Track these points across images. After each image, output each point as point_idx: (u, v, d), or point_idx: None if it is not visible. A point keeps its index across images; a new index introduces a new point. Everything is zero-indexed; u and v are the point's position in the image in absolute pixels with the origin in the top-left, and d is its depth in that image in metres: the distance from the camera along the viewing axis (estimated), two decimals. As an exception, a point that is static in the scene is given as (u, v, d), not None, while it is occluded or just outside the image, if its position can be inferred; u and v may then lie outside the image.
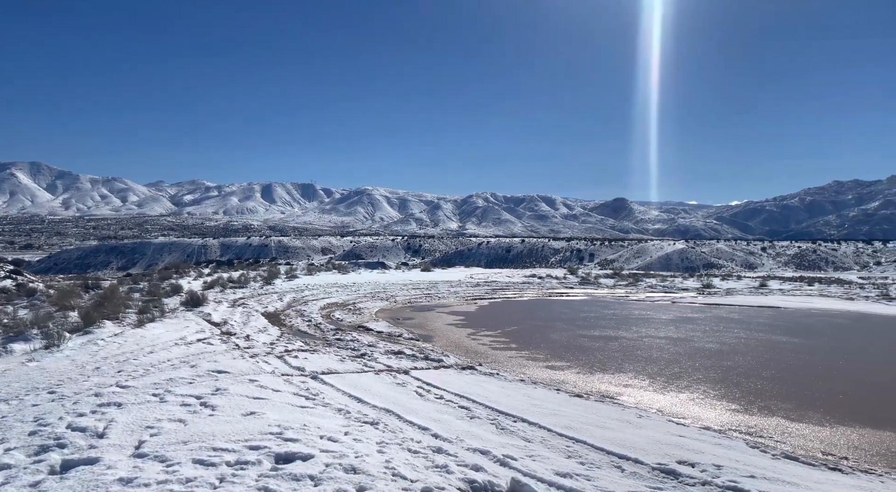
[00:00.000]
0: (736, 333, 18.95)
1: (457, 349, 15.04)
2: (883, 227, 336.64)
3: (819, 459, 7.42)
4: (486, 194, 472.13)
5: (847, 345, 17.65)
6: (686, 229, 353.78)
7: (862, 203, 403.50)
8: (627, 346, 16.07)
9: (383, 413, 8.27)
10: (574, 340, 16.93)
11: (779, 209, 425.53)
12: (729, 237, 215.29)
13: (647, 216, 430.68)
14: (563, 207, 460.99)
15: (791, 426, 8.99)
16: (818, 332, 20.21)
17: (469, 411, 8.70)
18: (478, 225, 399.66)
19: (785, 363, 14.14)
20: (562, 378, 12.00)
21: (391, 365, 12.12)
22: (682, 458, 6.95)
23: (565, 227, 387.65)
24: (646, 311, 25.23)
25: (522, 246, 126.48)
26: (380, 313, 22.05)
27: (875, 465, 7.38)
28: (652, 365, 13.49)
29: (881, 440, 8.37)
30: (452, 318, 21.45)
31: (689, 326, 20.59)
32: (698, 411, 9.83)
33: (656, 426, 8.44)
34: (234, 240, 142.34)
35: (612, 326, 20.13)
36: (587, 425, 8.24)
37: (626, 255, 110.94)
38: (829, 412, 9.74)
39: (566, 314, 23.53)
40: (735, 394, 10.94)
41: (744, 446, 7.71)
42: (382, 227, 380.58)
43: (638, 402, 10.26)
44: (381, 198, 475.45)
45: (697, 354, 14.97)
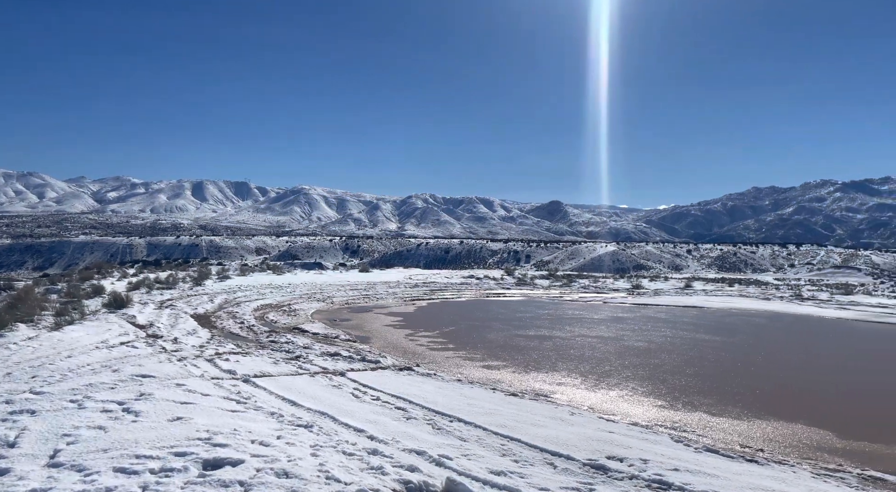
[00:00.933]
0: (663, 332, 19.75)
1: (394, 350, 14.98)
2: (796, 231, 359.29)
3: (737, 451, 7.83)
4: (425, 195, 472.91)
5: (763, 343, 18.71)
6: (618, 232, 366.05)
7: (778, 208, 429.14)
8: (561, 345, 16.46)
9: (318, 416, 8.13)
10: (510, 339, 17.19)
11: (703, 214, 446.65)
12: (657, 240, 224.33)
13: (581, 219, 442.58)
14: (501, 209, 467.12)
15: (712, 421, 9.44)
16: (738, 330, 21.33)
17: (406, 412, 8.68)
18: (417, 226, 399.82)
19: (707, 361, 14.85)
20: (498, 377, 12.15)
21: (327, 367, 11.94)
22: (612, 453, 7.18)
23: (503, 228, 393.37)
24: (579, 311, 25.92)
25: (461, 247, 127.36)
26: (316, 315, 21.69)
27: (788, 456, 7.85)
28: (584, 363, 13.87)
29: (793, 433, 8.91)
30: (391, 319, 21.35)
31: (619, 325, 21.29)
32: (627, 407, 10.17)
33: (588, 423, 8.68)
34: (163, 239, 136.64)
35: (546, 325, 20.57)
36: (522, 423, 8.37)
37: (561, 256, 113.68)
38: (746, 407, 10.28)
39: (503, 314, 23.86)
40: (661, 390, 11.39)
41: (669, 441, 8.03)
42: (320, 227, 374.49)
43: (570, 399, 10.52)
44: (319, 197, 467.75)
45: (627, 353, 15.50)
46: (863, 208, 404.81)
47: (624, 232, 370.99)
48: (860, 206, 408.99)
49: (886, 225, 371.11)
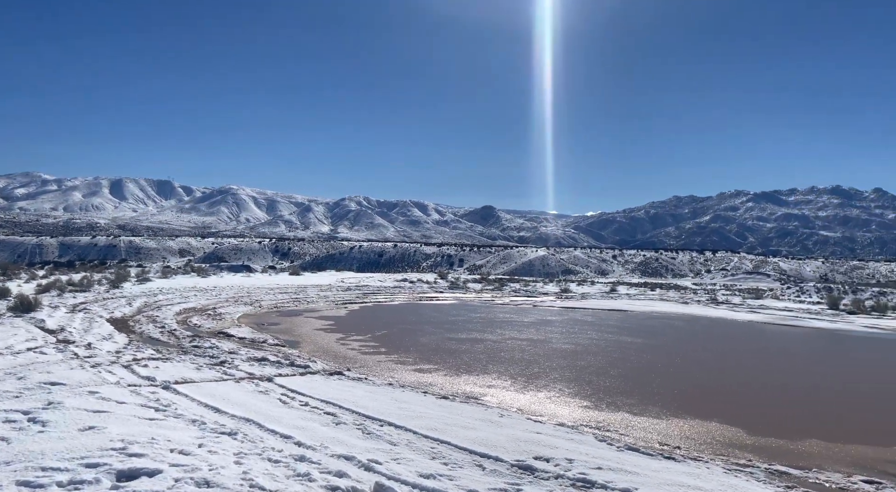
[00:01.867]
0: (589, 335, 20.38)
1: (325, 355, 14.73)
2: (713, 238, 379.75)
3: (656, 449, 8.17)
4: (359, 198, 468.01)
5: (682, 345, 19.64)
6: (547, 237, 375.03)
7: (696, 216, 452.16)
8: (492, 348, 16.68)
9: (243, 423, 7.88)
10: (442, 343, 17.26)
11: (627, 220, 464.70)
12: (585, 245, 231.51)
13: (513, 224, 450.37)
14: (434, 213, 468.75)
15: (634, 420, 9.82)
16: (659, 333, 22.30)
17: (335, 417, 8.55)
18: (350, 229, 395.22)
19: (630, 362, 15.43)
20: (429, 381, 12.18)
21: (253, 372, 11.60)
22: (539, 454, 7.33)
23: (437, 232, 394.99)
24: (510, 314, 26.37)
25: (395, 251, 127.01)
26: (243, 319, 21.04)
27: (703, 452, 8.26)
28: (514, 366, 14.11)
29: (708, 430, 9.39)
30: (321, 323, 20.99)
31: (548, 328, 21.80)
32: (554, 408, 10.42)
33: (516, 425, 8.83)
34: (77, 239, 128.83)
35: (478, 329, 20.79)
36: (452, 426, 8.42)
37: (493, 260, 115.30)
38: (666, 406, 10.75)
39: (436, 318, 23.94)
40: (587, 391, 11.74)
41: (593, 440, 8.28)
42: (248, 228, 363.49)
43: (500, 402, 10.67)
44: (248, 198, 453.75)
45: (555, 355, 15.89)
46: (772, 218, 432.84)
47: (553, 237, 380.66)
48: (770, 215, 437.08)
49: (792, 234, 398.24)
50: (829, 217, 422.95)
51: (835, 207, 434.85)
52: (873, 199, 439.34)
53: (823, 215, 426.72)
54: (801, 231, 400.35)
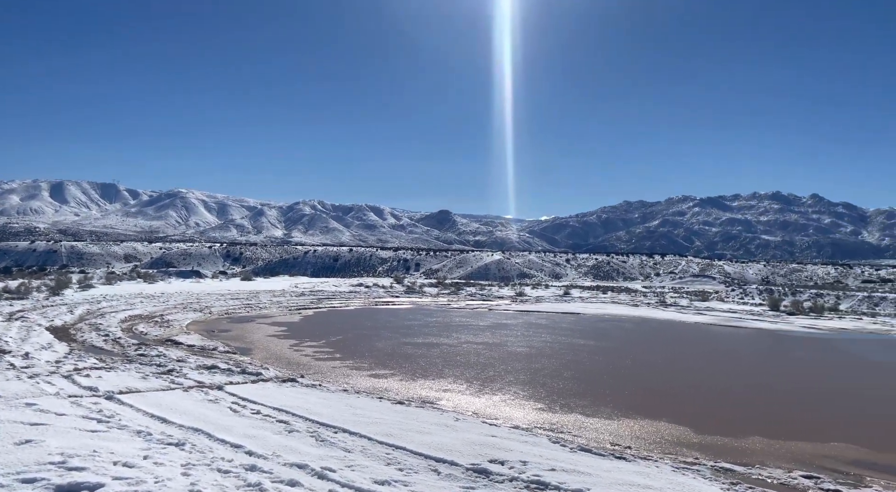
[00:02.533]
0: (543, 338, 20.65)
1: (277, 361, 14.46)
2: (661, 242, 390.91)
3: (608, 449, 8.32)
4: (313, 202, 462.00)
5: (632, 346, 20.12)
6: (503, 242, 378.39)
7: (646, 221, 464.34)
8: (448, 352, 16.70)
9: (191, 433, 7.65)
10: (398, 347, 17.19)
11: (580, 225, 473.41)
12: (539, 249, 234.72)
13: (469, 228, 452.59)
14: (391, 218, 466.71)
15: (587, 421, 9.99)
16: (610, 335, 22.79)
17: (288, 425, 8.40)
18: (304, 233, 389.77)
19: (583, 364, 15.71)
20: (385, 386, 12.10)
21: (203, 381, 11.28)
22: (494, 457, 7.37)
23: (393, 237, 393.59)
24: (466, 318, 26.48)
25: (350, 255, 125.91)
26: (192, 326, 20.46)
27: (652, 451, 8.47)
28: (470, 369, 14.16)
29: (657, 430, 9.63)
30: (274, 329, 20.61)
31: (503, 331, 21.99)
32: (509, 411, 10.51)
33: (472, 428, 8.85)
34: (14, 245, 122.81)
35: (434, 333, 20.80)
36: (407, 431, 8.38)
37: (450, 265, 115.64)
38: (617, 407, 10.98)
39: (392, 323, 23.82)
40: (541, 394, 11.88)
41: (547, 442, 8.38)
42: (198, 233, 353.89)
43: (456, 405, 10.69)
44: (198, 201, 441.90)
45: (510, 358, 16.04)
46: (717, 222, 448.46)
47: (508, 242, 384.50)
48: (715, 220, 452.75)
49: (736, 238, 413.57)
50: (769, 222, 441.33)
51: (775, 212, 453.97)
52: (810, 204, 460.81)
53: (765, 220, 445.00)
54: (744, 235, 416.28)
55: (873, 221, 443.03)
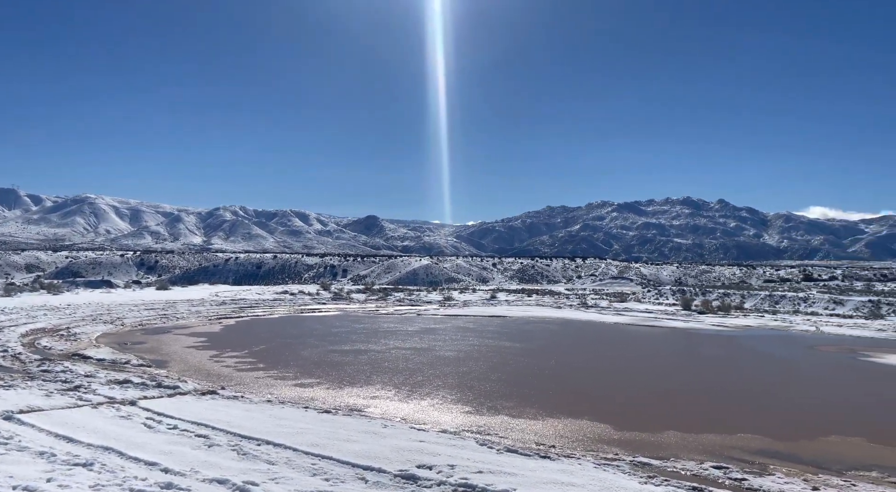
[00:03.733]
0: (471, 341, 20.88)
1: (196, 374, 13.87)
2: (583, 246, 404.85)
3: (533, 449, 8.51)
4: (234, 207, 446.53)
5: (556, 347, 20.69)
6: (431, 246, 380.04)
7: (568, 226, 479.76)
8: (376, 358, 16.57)
9: (101, 452, 7.20)
10: (325, 355, 16.89)
11: (506, 230, 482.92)
12: (466, 254, 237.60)
13: (397, 234, 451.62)
14: (317, 223, 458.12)
15: (513, 422, 10.17)
16: (535, 337, 23.33)
17: (208, 439, 8.06)
18: (225, 240, 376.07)
19: (510, 366, 16.00)
20: (311, 395, 11.85)
21: (114, 396, 10.65)
22: (422, 462, 7.37)
23: (319, 243, 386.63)
24: (394, 323, 26.37)
25: (275, 262, 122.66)
26: (102, 339, 19.30)
27: (575, 449, 8.73)
28: (398, 375, 14.11)
29: (580, 428, 9.93)
30: (193, 340, 19.76)
31: (431, 336, 22.06)
32: (437, 415, 10.54)
33: (400, 434, 8.82)
34: None
35: (362, 339, 20.58)
36: (334, 440, 8.24)
37: (378, 270, 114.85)
38: (542, 407, 11.24)
39: (318, 330, 23.38)
40: (469, 397, 12.00)
41: (475, 445, 8.47)
42: (109, 240, 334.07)
43: (384, 412, 10.61)
44: (108, 207, 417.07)
45: (438, 363, 16.10)
46: (633, 226, 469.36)
47: (437, 246, 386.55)
48: (631, 224, 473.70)
49: (651, 241, 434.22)
50: (681, 226, 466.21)
51: (686, 216, 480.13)
52: (718, 209, 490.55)
53: (677, 224, 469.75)
54: (659, 238, 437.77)
55: (773, 224, 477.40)
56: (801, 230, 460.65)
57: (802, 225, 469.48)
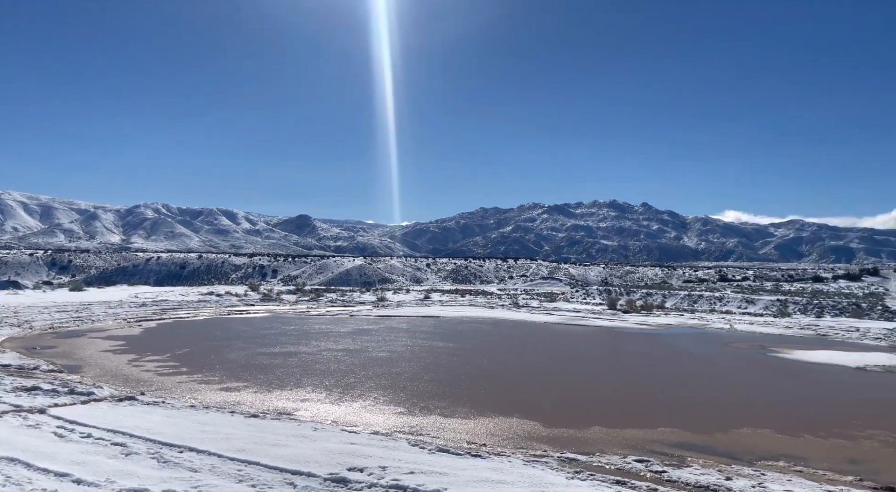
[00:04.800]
0: (404, 342, 20.83)
1: (114, 379, 13.16)
2: (514, 247, 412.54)
3: (465, 448, 8.58)
4: (156, 205, 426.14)
5: (489, 346, 20.96)
6: (364, 247, 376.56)
7: (500, 227, 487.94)
8: (307, 360, 16.25)
9: (5, 464, 6.71)
10: (253, 358, 16.41)
11: (440, 230, 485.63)
12: (400, 254, 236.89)
13: (330, 234, 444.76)
14: (245, 222, 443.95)
15: (445, 422, 10.22)
16: (468, 336, 23.55)
17: (125, 448, 7.67)
18: (146, 239, 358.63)
19: (442, 366, 16.07)
20: (238, 399, 11.49)
21: (21, 404, 9.95)
22: (353, 464, 7.29)
23: (248, 242, 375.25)
24: (326, 325, 25.93)
25: (200, 262, 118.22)
26: (8, 343, 17.99)
27: (505, 447, 8.87)
28: (329, 377, 13.89)
29: (510, 426, 10.10)
30: (110, 343, 18.73)
31: (364, 337, 21.85)
32: (369, 417, 10.46)
33: (330, 437, 8.69)
34: None
35: (292, 341, 20.13)
36: (262, 444, 8.03)
37: (309, 271, 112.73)
38: (474, 406, 11.36)
39: (246, 332, 22.69)
40: (401, 398, 11.97)
41: (406, 446, 8.46)
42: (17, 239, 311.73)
43: (314, 415, 10.43)
44: (15, 204, 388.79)
45: (371, 364, 15.97)
46: (563, 228, 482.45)
47: (370, 247, 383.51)
48: (561, 226, 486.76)
49: (580, 242, 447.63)
50: (608, 228, 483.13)
51: (612, 218, 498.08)
52: (641, 212, 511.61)
53: (604, 226, 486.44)
54: (587, 240, 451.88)
55: (692, 227, 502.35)
56: (717, 233, 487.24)
57: (718, 228, 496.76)
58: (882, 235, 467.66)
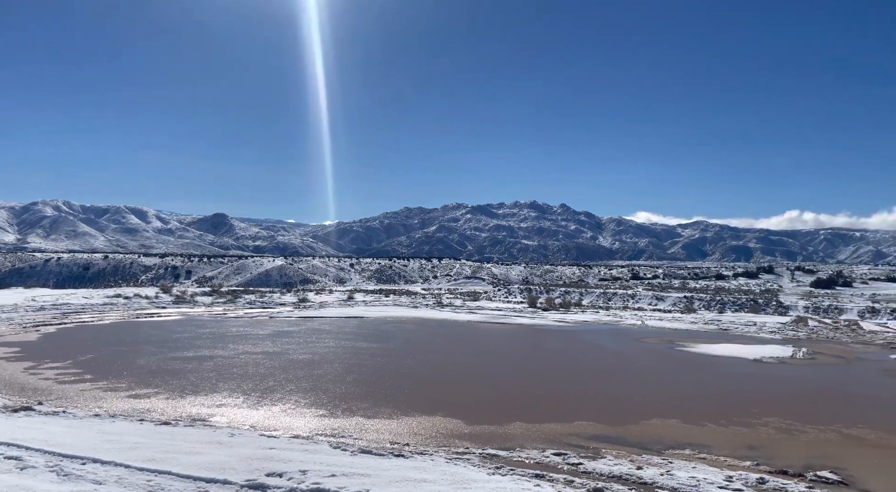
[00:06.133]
0: (327, 343, 20.48)
1: (8, 388, 12.18)
2: (439, 246, 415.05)
3: (388, 448, 8.56)
4: (56, 202, 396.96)
5: (413, 346, 20.98)
6: (285, 246, 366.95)
7: (425, 226, 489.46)
8: (223, 364, 15.67)
9: None
10: (164, 363, 15.64)
11: (364, 230, 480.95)
12: (323, 254, 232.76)
13: (248, 233, 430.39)
14: (156, 221, 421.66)
15: (368, 423, 10.15)
16: (392, 336, 23.46)
17: (20, 461, 7.11)
18: (45, 238, 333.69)
19: (366, 367, 15.93)
20: (148, 407, 10.92)
21: None
22: (272, 470, 7.10)
23: (159, 242, 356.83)
24: (244, 327, 25.08)
25: (106, 263, 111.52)
26: None
27: (428, 446, 8.91)
28: (248, 381, 13.46)
29: (433, 425, 10.16)
30: (3, 350, 17.31)
31: (285, 339, 21.30)
32: (290, 421, 10.22)
33: (248, 443, 8.42)
34: None
35: (207, 345, 19.35)
36: (174, 453, 7.67)
37: (227, 271, 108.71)
38: (397, 406, 11.35)
39: (157, 336, 21.59)
40: (323, 400, 11.77)
41: (328, 448, 8.33)
42: None
43: (231, 420, 10.08)
44: None
45: (292, 366, 15.60)
46: (486, 228, 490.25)
47: (292, 246, 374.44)
48: (484, 226, 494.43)
49: (502, 242, 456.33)
50: (528, 228, 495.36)
51: (532, 219, 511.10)
52: (560, 212, 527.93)
53: (524, 226, 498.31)
54: (508, 240, 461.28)
55: (607, 227, 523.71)
56: (630, 233, 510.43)
57: (631, 228, 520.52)
58: (776, 235, 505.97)
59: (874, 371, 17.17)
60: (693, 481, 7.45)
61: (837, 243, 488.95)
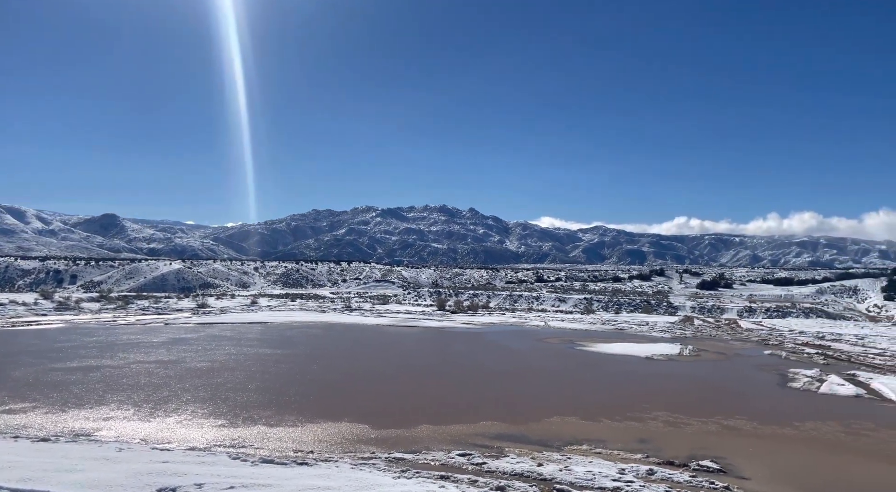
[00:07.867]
0: (227, 350, 19.65)
1: None
2: (348, 250, 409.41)
3: (291, 457, 8.34)
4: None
5: (319, 352, 20.58)
6: (183, 249, 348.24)
7: (334, 229, 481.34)
8: (112, 375, 14.65)
9: None
10: (44, 375, 14.40)
11: (269, 232, 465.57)
12: (225, 258, 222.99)
13: (142, 235, 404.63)
14: (36, 221, 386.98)
15: (270, 432, 9.84)
16: (298, 342, 22.89)
17: None
18: None
19: (269, 374, 15.44)
20: (24, 422, 10.01)
21: None
22: (164, 485, 6.72)
23: (40, 244, 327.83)
24: (136, 335, 23.58)
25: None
26: None
27: (333, 453, 8.77)
28: (139, 392, 12.67)
29: (339, 431, 10.02)
30: None
31: (181, 347, 20.23)
32: (185, 432, 9.72)
33: (138, 457, 7.93)
34: None
35: (94, 354, 18.02)
36: (53, 471, 7.08)
37: (117, 276, 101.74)
38: (302, 413, 11.08)
39: (35, 346, 19.83)
40: (223, 409, 11.29)
41: (227, 459, 8.00)
42: None
43: (120, 434, 9.44)
44: None
45: (188, 375, 14.83)
46: (396, 231, 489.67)
47: (190, 249, 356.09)
48: (394, 229, 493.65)
49: (412, 245, 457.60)
50: (438, 232, 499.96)
51: (442, 223, 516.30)
52: (469, 217, 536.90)
53: (435, 230, 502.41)
54: (419, 243, 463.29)
55: (513, 231, 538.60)
56: (535, 237, 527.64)
57: (536, 233, 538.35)
58: (667, 240, 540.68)
59: (750, 366, 18.77)
60: (589, 475, 7.82)
61: (720, 248, 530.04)
